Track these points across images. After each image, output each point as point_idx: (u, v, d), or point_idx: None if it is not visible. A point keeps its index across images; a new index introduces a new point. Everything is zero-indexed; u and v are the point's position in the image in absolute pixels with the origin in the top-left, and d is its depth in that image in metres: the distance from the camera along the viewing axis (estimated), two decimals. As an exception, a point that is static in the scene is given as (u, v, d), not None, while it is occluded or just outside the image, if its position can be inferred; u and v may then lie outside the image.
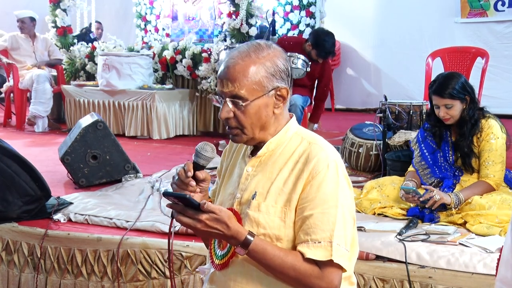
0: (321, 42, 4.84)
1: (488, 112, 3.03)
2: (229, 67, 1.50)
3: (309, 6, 6.94)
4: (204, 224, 1.41)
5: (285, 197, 1.50)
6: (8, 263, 2.89)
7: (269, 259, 1.45)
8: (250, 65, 1.49)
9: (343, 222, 1.47)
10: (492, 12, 7.49)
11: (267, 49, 1.52)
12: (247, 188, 1.55)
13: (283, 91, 1.53)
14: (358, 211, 3.15)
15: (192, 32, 7.21)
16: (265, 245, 1.45)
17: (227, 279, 1.54)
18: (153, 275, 2.66)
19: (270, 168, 1.54)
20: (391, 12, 8.15)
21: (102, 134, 3.79)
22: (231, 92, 1.50)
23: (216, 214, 1.41)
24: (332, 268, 1.45)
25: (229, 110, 1.51)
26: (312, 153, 1.50)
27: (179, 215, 1.43)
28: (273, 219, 1.49)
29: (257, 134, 1.54)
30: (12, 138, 5.51)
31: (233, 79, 1.49)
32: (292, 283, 1.48)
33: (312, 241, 1.44)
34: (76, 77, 7.22)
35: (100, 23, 9.13)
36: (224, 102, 1.51)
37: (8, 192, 2.94)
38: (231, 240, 1.45)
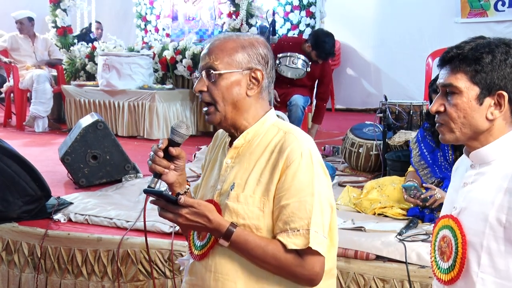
0: (321, 43, 4.84)
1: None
2: (210, 45, 1.58)
3: (309, 6, 6.95)
4: (184, 218, 1.45)
5: (262, 187, 1.52)
6: (8, 263, 2.89)
7: (251, 250, 1.47)
8: (230, 42, 1.56)
9: (320, 209, 1.49)
10: (492, 12, 7.49)
11: (251, 35, 1.60)
12: (226, 180, 1.58)
13: (258, 73, 1.57)
14: (358, 211, 3.15)
15: (192, 32, 7.21)
16: (246, 236, 1.48)
17: (207, 269, 1.56)
18: (153, 275, 2.66)
19: (248, 159, 1.57)
20: (391, 12, 8.15)
21: (102, 134, 3.79)
22: (207, 64, 1.55)
23: (195, 208, 1.44)
24: (312, 255, 1.47)
25: (203, 84, 1.55)
26: (286, 143, 1.52)
27: (162, 210, 1.47)
28: (252, 209, 1.51)
29: (230, 112, 1.56)
30: (12, 138, 5.51)
31: (210, 53, 1.55)
32: (275, 272, 1.51)
33: (291, 230, 1.47)
34: (76, 77, 7.22)
35: (100, 23, 9.13)
36: (201, 75, 1.56)
37: (8, 192, 2.94)
38: (214, 232, 1.48)
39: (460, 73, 1.38)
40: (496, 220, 1.33)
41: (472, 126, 1.38)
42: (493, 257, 1.34)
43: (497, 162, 1.39)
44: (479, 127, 1.38)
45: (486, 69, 1.35)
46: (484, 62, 1.35)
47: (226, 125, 1.59)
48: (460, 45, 1.42)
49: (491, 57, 1.36)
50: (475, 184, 1.41)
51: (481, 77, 1.36)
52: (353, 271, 2.42)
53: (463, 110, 1.37)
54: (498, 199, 1.33)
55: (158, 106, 5.96)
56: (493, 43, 1.40)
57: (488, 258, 1.35)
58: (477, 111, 1.37)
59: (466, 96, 1.37)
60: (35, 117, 6.44)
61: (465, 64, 1.38)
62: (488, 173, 1.39)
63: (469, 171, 1.45)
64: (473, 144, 1.42)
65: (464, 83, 1.37)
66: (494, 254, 1.34)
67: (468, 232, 1.38)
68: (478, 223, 1.36)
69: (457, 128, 1.39)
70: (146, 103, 6.00)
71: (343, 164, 4.44)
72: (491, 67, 1.35)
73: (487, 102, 1.37)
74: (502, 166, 1.37)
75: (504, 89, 1.35)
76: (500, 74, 1.35)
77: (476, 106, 1.37)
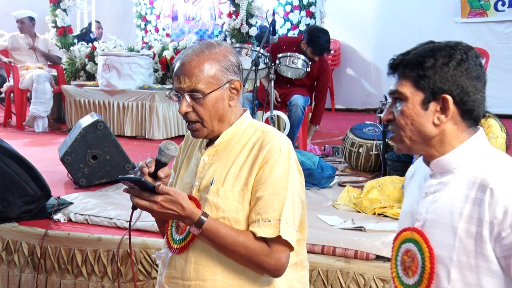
0: (315, 38, 4.83)
1: (488, 112, 3.02)
2: (185, 63, 1.58)
3: (309, 6, 6.94)
4: (160, 205, 1.47)
5: (242, 181, 1.57)
6: (8, 263, 2.89)
7: (221, 238, 1.52)
8: (205, 61, 1.58)
9: (292, 202, 1.54)
10: (492, 12, 7.49)
11: (218, 46, 1.62)
12: (204, 176, 1.63)
13: (236, 83, 1.63)
14: (358, 211, 3.15)
15: (192, 32, 7.22)
16: (218, 225, 1.53)
17: (187, 262, 1.60)
18: (153, 275, 2.66)
19: (226, 156, 1.63)
20: (391, 12, 8.15)
21: (102, 134, 3.79)
22: (189, 87, 1.58)
23: (171, 195, 1.47)
24: (280, 246, 1.52)
25: (188, 105, 1.59)
26: (265, 140, 1.59)
27: (136, 198, 1.49)
28: (232, 203, 1.56)
29: (216, 126, 1.62)
30: (12, 138, 5.52)
31: (190, 75, 1.57)
32: (243, 262, 1.56)
33: (262, 220, 1.52)
34: (76, 77, 7.22)
35: (99, 23, 9.13)
36: (183, 97, 1.59)
37: (8, 192, 2.94)
38: (186, 220, 1.52)
39: (405, 79, 1.35)
40: (465, 232, 1.29)
41: (420, 133, 1.34)
42: (464, 271, 1.30)
43: (460, 171, 1.34)
44: (427, 134, 1.34)
45: (428, 73, 1.32)
46: (426, 66, 1.32)
47: (213, 136, 1.65)
48: (407, 51, 1.39)
49: (433, 61, 1.32)
50: (439, 194, 1.36)
51: (424, 81, 1.32)
52: (353, 271, 2.42)
53: (409, 117, 1.34)
54: (467, 209, 1.29)
55: (158, 106, 5.96)
56: (437, 47, 1.35)
57: (458, 272, 1.30)
58: (423, 117, 1.33)
59: (411, 102, 1.34)
60: (35, 117, 6.45)
61: (409, 70, 1.35)
62: (452, 183, 1.34)
63: (429, 181, 1.40)
64: (430, 152, 1.37)
65: (409, 89, 1.34)
66: (464, 268, 1.30)
67: (436, 246, 1.33)
68: (446, 236, 1.32)
69: (407, 136, 1.36)
70: (146, 103, 6.00)
71: (343, 164, 4.44)
72: (433, 71, 1.32)
73: (433, 107, 1.33)
74: (466, 175, 1.32)
75: (448, 93, 1.31)
76: (443, 77, 1.31)
77: (421, 112, 1.33)
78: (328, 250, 2.49)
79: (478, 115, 1.36)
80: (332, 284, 2.43)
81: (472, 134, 1.36)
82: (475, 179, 1.30)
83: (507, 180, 1.26)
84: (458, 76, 1.31)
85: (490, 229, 1.25)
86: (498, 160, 1.32)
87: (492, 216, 1.24)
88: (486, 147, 1.36)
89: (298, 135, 4.96)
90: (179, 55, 1.63)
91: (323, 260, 2.46)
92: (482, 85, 1.35)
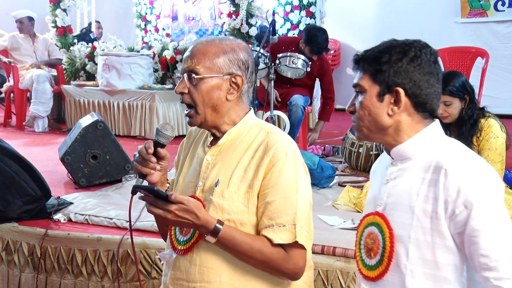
0: (313, 37, 4.83)
1: (488, 112, 3.03)
2: (192, 48, 1.62)
3: (309, 6, 6.94)
4: (174, 214, 1.47)
5: (247, 183, 1.56)
6: (8, 263, 2.89)
7: (238, 245, 1.51)
8: (212, 47, 1.60)
9: (303, 205, 1.55)
10: (492, 12, 7.49)
11: (231, 40, 1.64)
12: (208, 176, 1.62)
13: (238, 79, 1.62)
14: (358, 211, 3.15)
15: (192, 32, 7.22)
16: (233, 232, 1.52)
17: (192, 263, 1.59)
18: (153, 275, 2.66)
19: (230, 156, 1.61)
20: (391, 12, 8.15)
21: (102, 134, 3.79)
22: (189, 67, 1.60)
23: (185, 204, 1.47)
24: (296, 249, 1.53)
25: (185, 86, 1.61)
26: (271, 142, 1.58)
27: (150, 206, 1.50)
28: (237, 205, 1.56)
29: (209, 115, 1.61)
30: (12, 138, 5.52)
31: (192, 56, 1.60)
32: (260, 267, 1.55)
33: (277, 225, 1.52)
34: (76, 77, 7.23)
35: (99, 23, 9.13)
36: (182, 77, 1.61)
37: (8, 192, 2.94)
38: (201, 228, 1.51)
39: (365, 73, 1.47)
40: (422, 212, 1.38)
41: (377, 123, 1.45)
42: (421, 248, 1.39)
43: (418, 157, 1.44)
44: (383, 124, 1.45)
45: (384, 68, 1.43)
46: (382, 61, 1.43)
47: (207, 126, 1.65)
48: (370, 48, 1.50)
49: (388, 56, 1.44)
50: (399, 180, 1.47)
51: (380, 75, 1.43)
52: (353, 271, 2.42)
53: (367, 108, 1.45)
54: (423, 190, 1.39)
55: (158, 106, 5.96)
56: (394, 44, 1.47)
57: (416, 250, 1.39)
58: (379, 108, 1.44)
59: (369, 94, 1.45)
60: (35, 117, 6.45)
61: (367, 64, 1.46)
62: (411, 168, 1.45)
63: (390, 168, 1.50)
64: (387, 141, 1.48)
65: (367, 82, 1.46)
66: (421, 245, 1.38)
67: (395, 226, 1.43)
68: (405, 216, 1.41)
69: (365, 126, 1.47)
70: (146, 103, 6.00)
71: (343, 164, 4.44)
72: (388, 65, 1.43)
73: (387, 99, 1.44)
74: (422, 160, 1.43)
75: (401, 86, 1.42)
76: (397, 71, 1.42)
77: (377, 104, 1.45)
78: (328, 250, 2.49)
79: (432, 108, 1.46)
80: (332, 284, 2.43)
81: (427, 125, 1.47)
82: (431, 162, 1.40)
83: (459, 162, 1.36)
84: (411, 71, 1.43)
85: (445, 208, 1.35)
86: (451, 146, 1.43)
87: (446, 195, 1.34)
88: (441, 136, 1.47)
89: (298, 135, 4.96)
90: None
91: (323, 260, 2.46)
92: (435, 80, 1.46)
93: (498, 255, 1.30)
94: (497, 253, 1.30)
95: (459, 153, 1.40)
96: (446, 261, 1.37)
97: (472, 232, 1.32)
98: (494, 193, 1.34)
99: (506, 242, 1.31)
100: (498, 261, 1.30)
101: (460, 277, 1.38)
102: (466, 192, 1.32)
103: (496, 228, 1.31)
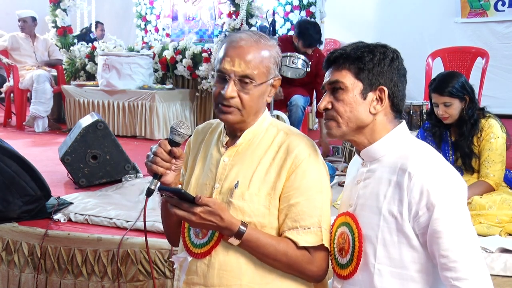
0: (304, 30, 4.83)
1: (488, 112, 3.03)
2: (243, 46, 1.50)
3: (309, 6, 6.94)
4: (198, 216, 1.44)
5: (268, 185, 1.54)
6: (8, 263, 2.89)
7: (262, 247, 1.49)
8: (264, 49, 1.53)
9: (327, 207, 1.55)
10: (492, 12, 7.49)
11: (271, 39, 1.57)
12: (226, 178, 1.58)
13: (277, 81, 1.60)
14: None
15: (192, 32, 7.22)
16: (258, 234, 1.50)
17: (210, 267, 1.55)
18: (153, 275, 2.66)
19: (249, 157, 1.58)
20: (391, 12, 8.15)
21: (102, 134, 3.78)
22: (244, 71, 1.50)
23: (210, 206, 1.44)
24: (321, 252, 1.53)
25: (234, 89, 1.51)
26: (293, 143, 1.56)
27: (174, 208, 1.46)
28: (258, 207, 1.53)
29: (250, 118, 1.58)
30: (12, 138, 5.52)
31: (247, 59, 1.50)
32: (284, 269, 1.53)
33: (301, 228, 1.50)
34: (76, 77, 7.22)
35: (102, 24, 9.14)
36: (230, 80, 1.51)
37: (8, 192, 2.94)
38: (224, 231, 1.48)
39: (345, 70, 1.49)
40: (388, 213, 1.42)
41: (357, 120, 1.48)
42: (388, 247, 1.43)
43: (385, 158, 1.49)
44: (363, 121, 1.49)
45: (367, 67, 1.47)
46: (365, 60, 1.47)
47: (239, 126, 1.60)
48: (343, 47, 1.53)
49: (371, 56, 1.47)
50: (368, 181, 1.51)
51: (364, 73, 1.47)
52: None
53: (349, 105, 1.48)
54: (389, 192, 1.43)
55: (158, 106, 5.96)
56: (373, 45, 1.52)
57: (383, 249, 1.43)
58: (361, 105, 1.48)
59: (351, 91, 1.48)
60: (35, 117, 6.45)
61: (349, 63, 1.49)
62: (379, 169, 1.49)
63: (360, 169, 1.55)
64: (360, 139, 1.52)
65: (349, 79, 1.48)
66: (388, 245, 1.43)
67: (364, 226, 1.47)
68: (373, 217, 1.45)
69: (344, 122, 1.49)
70: (146, 103, 6.00)
71: (343, 164, 4.44)
72: (372, 64, 1.47)
73: (370, 97, 1.48)
74: (389, 161, 1.47)
75: (384, 85, 1.48)
76: (380, 71, 1.47)
77: (360, 101, 1.48)
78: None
79: (402, 108, 1.53)
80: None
81: (396, 125, 1.52)
82: (397, 164, 1.44)
83: (423, 165, 1.40)
84: (391, 72, 1.49)
85: (409, 209, 1.39)
86: (416, 148, 1.47)
87: (410, 197, 1.39)
88: (408, 137, 1.51)
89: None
90: (229, 37, 1.54)
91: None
92: (405, 83, 1.53)
93: (457, 256, 1.35)
94: (456, 254, 1.35)
95: (424, 156, 1.44)
96: (412, 260, 1.42)
97: (434, 233, 1.37)
98: (456, 195, 1.39)
99: (465, 244, 1.36)
100: (456, 262, 1.34)
101: (426, 275, 1.42)
102: (428, 194, 1.36)
103: (457, 230, 1.36)
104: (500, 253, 2.44)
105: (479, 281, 1.35)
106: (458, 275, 1.34)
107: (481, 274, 1.36)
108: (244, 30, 1.58)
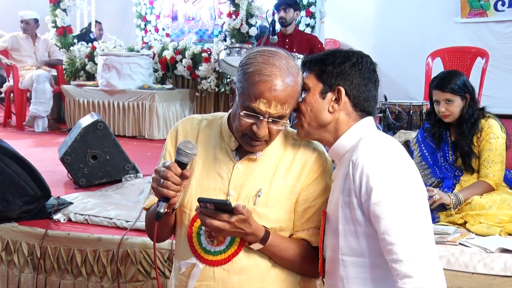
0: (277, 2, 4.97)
1: (488, 112, 3.03)
2: (280, 90, 1.47)
3: (309, 6, 6.93)
4: (233, 225, 1.46)
5: (288, 190, 1.59)
6: (8, 263, 2.89)
7: (283, 251, 1.56)
8: (296, 87, 1.53)
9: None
10: (492, 12, 7.49)
11: (294, 59, 1.56)
12: (243, 185, 1.58)
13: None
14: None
15: (192, 32, 7.22)
16: (279, 239, 1.56)
17: (231, 273, 1.56)
18: (153, 275, 2.66)
19: (266, 164, 1.60)
20: (391, 12, 8.14)
21: (102, 134, 3.78)
22: (279, 113, 1.50)
23: (244, 215, 1.46)
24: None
25: (267, 127, 1.51)
26: (309, 148, 1.64)
27: (208, 218, 1.45)
28: (280, 213, 1.58)
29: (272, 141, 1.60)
30: (12, 138, 5.52)
31: (283, 102, 1.49)
32: (299, 270, 1.61)
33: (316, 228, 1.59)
34: (76, 77, 7.22)
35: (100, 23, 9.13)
36: (266, 121, 1.50)
37: (8, 192, 2.94)
38: (249, 236, 1.51)
39: (310, 72, 1.60)
40: (344, 203, 1.49)
41: (318, 119, 1.57)
42: (347, 238, 1.49)
43: (347, 154, 1.56)
44: (323, 120, 1.56)
45: (328, 69, 1.56)
46: (327, 62, 1.57)
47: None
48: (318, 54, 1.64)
49: (333, 59, 1.57)
50: (335, 180, 1.59)
51: (325, 75, 1.57)
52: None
53: (310, 104, 1.57)
54: (343, 185, 1.50)
55: (158, 106, 5.96)
56: (339, 50, 1.61)
57: (344, 240, 1.49)
58: (320, 105, 1.56)
59: (313, 92, 1.57)
60: (35, 117, 6.45)
61: (313, 65, 1.60)
62: (342, 166, 1.55)
63: (334, 170, 1.63)
64: (326, 137, 1.59)
65: (312, 81, 1.58)
66: (347, 235, 1.49)
67: (331, 221, 1.54)
68: (335, 210, 1.52)
69: (306, 122, 1.57)
70: (146, 103, 6.00)
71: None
72: (332, 67, 1.56)
73: (329, 96, 1.56)
74: (348, 157, 1.53)
75: (342, 86, 1.55)
76: (339, 73, 1.56)
77: (320, 100, 1.56)
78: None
79: (369, 109, 1.60)
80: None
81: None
82: (350, 157, 1.50)
83: (365, 153, 1.47)
84: (352, 74, 1.56)
85: (355, 196, 1.45)
86: (370, 140, 1.53)
87: (354, 185, 1.45)
88: (370, 132, 1.57)
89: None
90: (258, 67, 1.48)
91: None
92: (373, 86, 1.59)
93: (393, 239, 1.38)
94: (392, 237, 1.38)
95: (371, 146, 1.49)
96: (370, 247, 1.46)
97: (374, 218, 1.42)
98: (396, 179, 1.42)
99: (402, 227, 1.38)
100: (393, 244, 1.37)
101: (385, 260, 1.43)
102: (368, 179, 1.42)
103: (394, 213, 1.39)
104: (500, 253, 2.44)
105: (415, 263, 1.35)
106: (394, 257, 1.37)
107: (419, 256, 1.36)
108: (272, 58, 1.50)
